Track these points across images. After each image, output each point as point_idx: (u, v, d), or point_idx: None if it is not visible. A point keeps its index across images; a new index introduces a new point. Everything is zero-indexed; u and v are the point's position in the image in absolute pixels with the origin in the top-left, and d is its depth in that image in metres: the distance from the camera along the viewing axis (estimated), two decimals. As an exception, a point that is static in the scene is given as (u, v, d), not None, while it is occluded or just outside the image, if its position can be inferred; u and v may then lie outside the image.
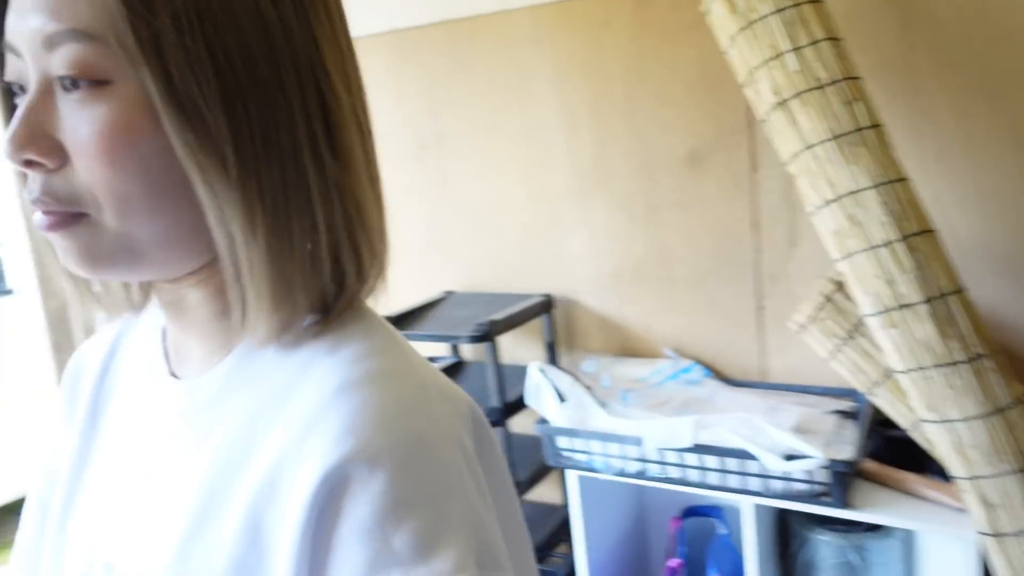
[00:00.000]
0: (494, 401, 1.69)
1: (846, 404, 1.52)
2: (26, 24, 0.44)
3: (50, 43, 0.44)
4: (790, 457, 1.32)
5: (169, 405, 0.55)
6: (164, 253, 0.47)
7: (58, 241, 0.48)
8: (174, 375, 0.56)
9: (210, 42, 0.43)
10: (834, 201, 1.19)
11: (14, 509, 2.99)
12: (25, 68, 0.46)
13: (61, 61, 0.44)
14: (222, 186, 0.44)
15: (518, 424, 1.81)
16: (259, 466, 0.47)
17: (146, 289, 0.58)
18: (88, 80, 0.44)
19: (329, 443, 0.44)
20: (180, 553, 0.49)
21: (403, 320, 1.87)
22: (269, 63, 0.45)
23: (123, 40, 0.43)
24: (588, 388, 1.63)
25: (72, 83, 0.44)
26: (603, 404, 1.59)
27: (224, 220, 0.45)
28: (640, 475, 1.51)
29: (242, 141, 0.44)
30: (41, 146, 0.45)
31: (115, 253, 0.47)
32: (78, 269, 0.48)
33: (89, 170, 0.45)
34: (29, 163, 0.46)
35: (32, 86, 0.46)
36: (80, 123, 0.44)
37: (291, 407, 0.47)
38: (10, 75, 0.47)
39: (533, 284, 1.98)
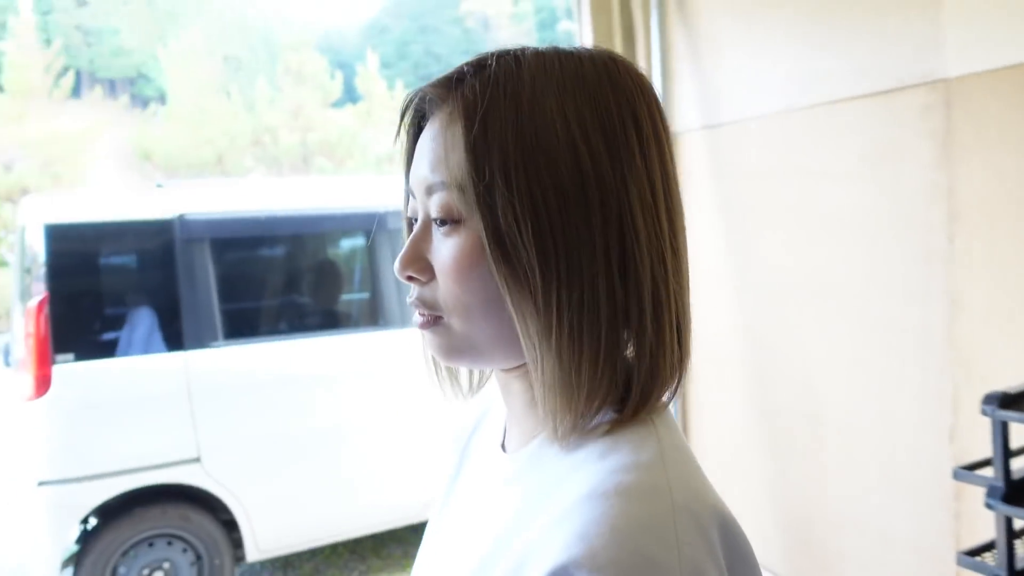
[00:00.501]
0: None
1: None
2: (418, 175, 0.61)
3: (430, 191, 0.60)
4: None
5: (495, 472, 0.67)
6: (496, 350, 0.60)
7: (425, 336, 0.63)
8: (503, 447, 0.69)
9: (532, 192, 0.54)
10: None
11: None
12: (416, 207, 0.63)
13: (434, 204, 0.59)
14: (528, 309, 0.55)
15: None
16: (517, 549, 0.55)
17: (483, 378, 0.72)
18: (448, 219, 0.59)
19: (563, 543, 0.50)
20: None
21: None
22: (579, 207, 0.55)
23: (466, 190, 0.56)
24: None
25: (440, 221, 0.59)
26: None
27: (528, 334, 0.56)
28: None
29: (548, 273, 0.55)
30: (417, 266, 0.62)
31: (462, 347, 0.61)
32: (439, 357, 0.64)
33: (445, 285, 0.60)
34: (410, 278, 0.62)
35: (419, 221, 0.62)
36: (442, 251, 0.59)
37: (552, 502, 0.55)
38: (410, 211, 0.65)
39: None
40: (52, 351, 2.98)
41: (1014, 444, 1.42)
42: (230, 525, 3.28)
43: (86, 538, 3.14)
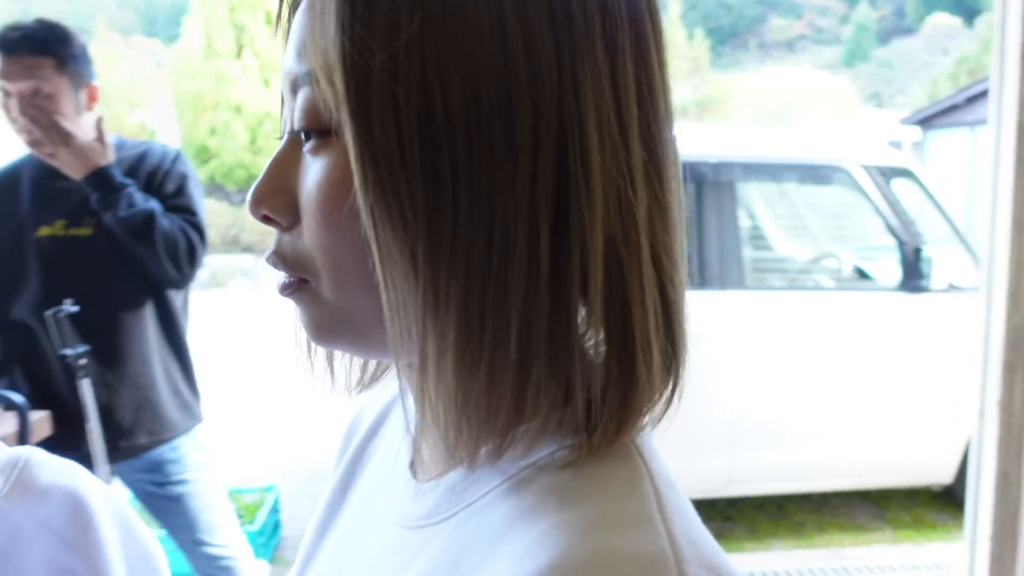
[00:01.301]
0: None
1: None
2: (284, 66, 0.42)
3: (294, 87, 0.41)
4: None
5: (400, 507, 0.47)
6: (384, 332, 0.39)
7: (294, 306, 0.44)
8: (412, 471, 0.48)
9: (428, 85, 0.36)
10: None
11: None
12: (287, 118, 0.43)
13: (298, 106, 0.40)
14: (401, 267, 0.37)
15: None
16: None
17: (380, 367, 0.51)
18: (314, 129, 0.40)
19: None
20: None
21: None
22: (499, 114, 0.36)
23: (335, 82, 0.37)
24: None
25: (305, 133, 0.41)
26: None
27: (400, 307, 0.37)
28: None
29: (438, 213, 0.36)
30: (276, 201, 0.42)
31: (335, 325, 0.42)
32: (310, 338, 0.44)
33: (309, 231, 0.41)
34: (266, 219, 0.43)
35: (285, 137, 0.43)
36: (307, 178, 0.41)
37: (495, 564, 0.37)
38: (282, 125, 0.44)
39: None
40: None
41: None
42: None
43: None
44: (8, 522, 0.53)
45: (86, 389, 1.65)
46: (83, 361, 1.64)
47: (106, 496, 0.59)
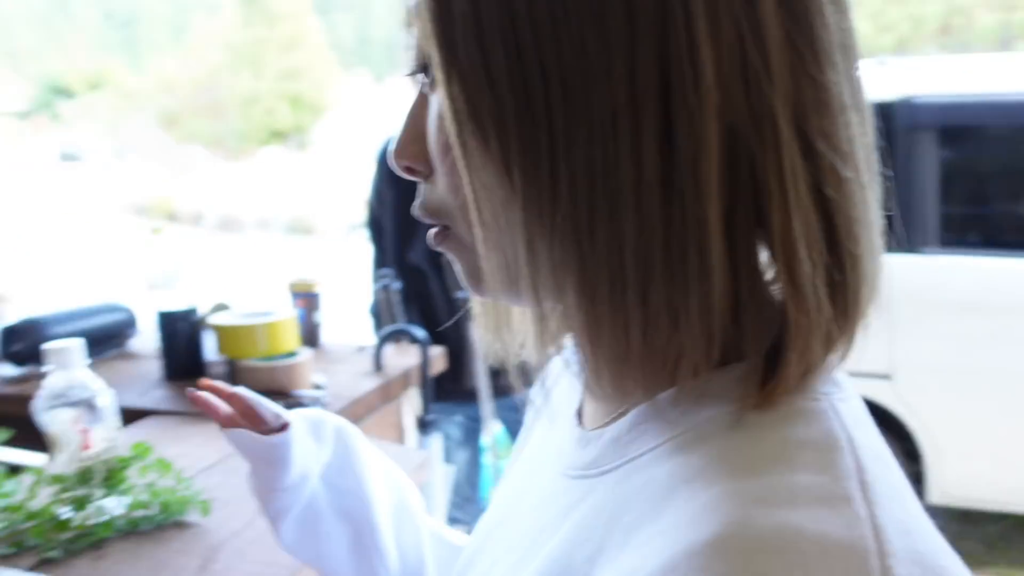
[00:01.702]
0: None
1: None
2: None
3: (410, 27, 0.38)
4: None
5: (564, 452, 0.44)
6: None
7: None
8: (579, 418, 0.45)
9: (514, 8, 0.33)
10: None
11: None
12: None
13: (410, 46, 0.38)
14: (501, 204, 0.35)
15: None
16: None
17: None
18: (422, 69, 0.38)
19: None
20: None
21: None
22: (591, 16, 0.32)
23: (423, 9, 0.35)
24: None
25: (418, 73, 0.39)
26: None
27: (512, 255, 0.36)
28: None
29: (532, 132, 0.33)
30: (412, 152, 0.40)
31: (481, 273, 0.39)
32: (468, 290, 0.42)
33: (438, 174, 0.39)
34: (408, 170, 0.41)
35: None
36: (431, 121, 0.39)
37: (656, 527, 0.33)
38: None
39: None
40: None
41: None
42: (911, 456, 2.93)
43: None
44: None
45: (472, 330, 1.78)
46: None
47: None
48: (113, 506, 0.89)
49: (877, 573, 0.28)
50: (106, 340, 1.68)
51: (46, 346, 0.95)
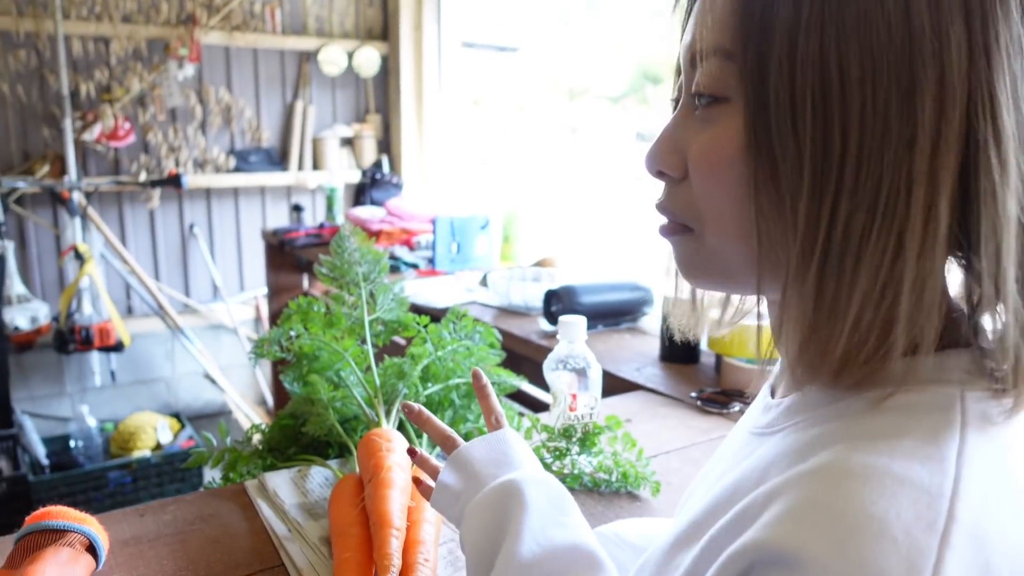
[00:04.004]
0: None
1: None
2: (685, 42, 0.49)
3: (694, 60, 0.47)
4: None
5: (756, 411, 0.55)
6: (753, 274, 0.46)
7: (671, 248, 0.52)
8: (772, 390, 0.56)
9: (825, 58, 0.40)
10: None
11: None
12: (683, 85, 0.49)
13: (697, 77, 0.46)
14: (780, 227, 0.43)
15: None
16: (735, 509, 0.43)
17: (738, 312, 0.58)
18: (710, 96, 0.46)
19: (762, 521, 0.38)
20: (666, 554, 0.51)
21: None
22: (898, 85, 0.38)
23: (735, 55, 0.43)
24: None
25: (700, 99, 0.46)
26: None
27: (774, 263, 0.44)
28: None
29: (821, 178, 0.41)
30: (670, 160, 0.49)
31: (709, 267, 0.50)
32: (683, 276, 0.52)
33: (697, 183, 0.47)
34: (660, 174, 0.50)
35: (680, 103, 0.49)
36: (698, 139, 0.47)
37: (778, 470, 0.42)
38: (675, 92, 0.51)
39: None
40: None
41: None
42: None
43: None
44: None
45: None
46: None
47: None
48: (583, 464, 1.04)
49: (943, 502, 0.36)
50: (623, 314, 1.91)
51: (562, 318, 1.14)
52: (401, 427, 1.05)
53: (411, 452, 0.77)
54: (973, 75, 0.38)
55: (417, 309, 2.07)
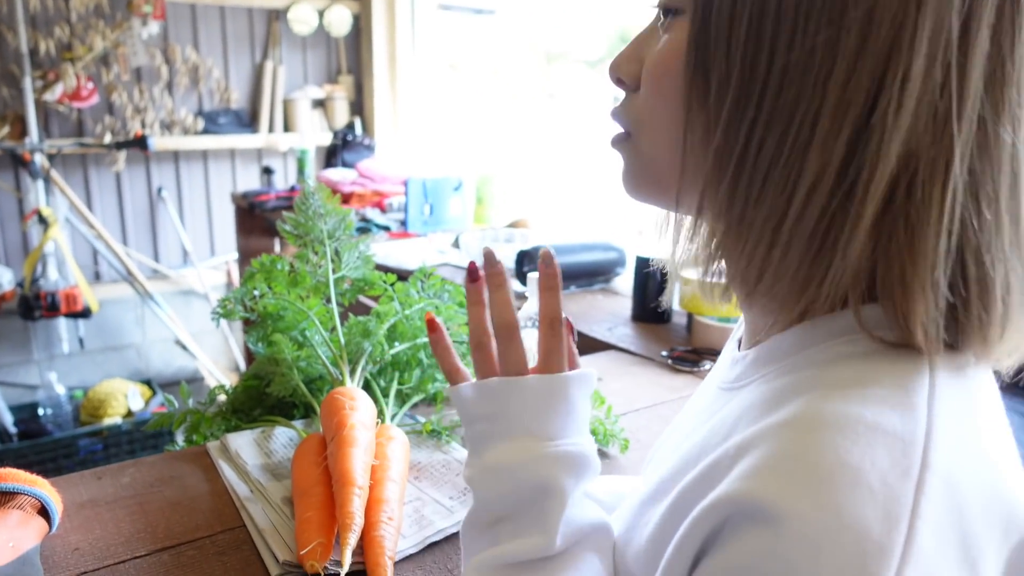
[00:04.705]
0: None
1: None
2: None
3: None
4: None
5: (723, 365, 0.56)
6: (679, 187, 0.47)
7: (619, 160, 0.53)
8: (739, 343, 0.56)
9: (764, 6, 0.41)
10: None
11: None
12: None
13: None
14: (700, 136, 0.45)
15: None
16: (704, 464, 0.42)
17: None
18: (667, 8, 0.47)
19: (735, 474, 0.38)
20: (636, 511, 0.52)
21: None
22: (828, 18, 0.39)
23: None
24: None
25: (662, 10, 0.48)
26: None
27: (694, 176, 0.46)
28: None
29: (744, 98, 0.42)
30: (628, 69, 0.50)
31: (643, 175, 0.51)
32: (624, 188, 0.53)
33: (643, 93, 0.49)
34: (618, 81, 0.51)
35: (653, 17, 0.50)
36: (653, 48, 0.48)
37: (759, 423, 0.40)
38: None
39: None
40: None
41: None
42: None
43: None
44: None
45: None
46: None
47: None
48: (552, 422, 1.03)
49: (916, 448, 0.36)
50: (596, 274, 1.90)
51: (530, 275, 1.12)
52: (366, 387, 1.04)
53: (431, 324, 0.61)
54: (898, 23, 0.38)
55: (388, 271, 2.04)
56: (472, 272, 0.57)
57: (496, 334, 0.56)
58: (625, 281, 1.89)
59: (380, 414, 0.97)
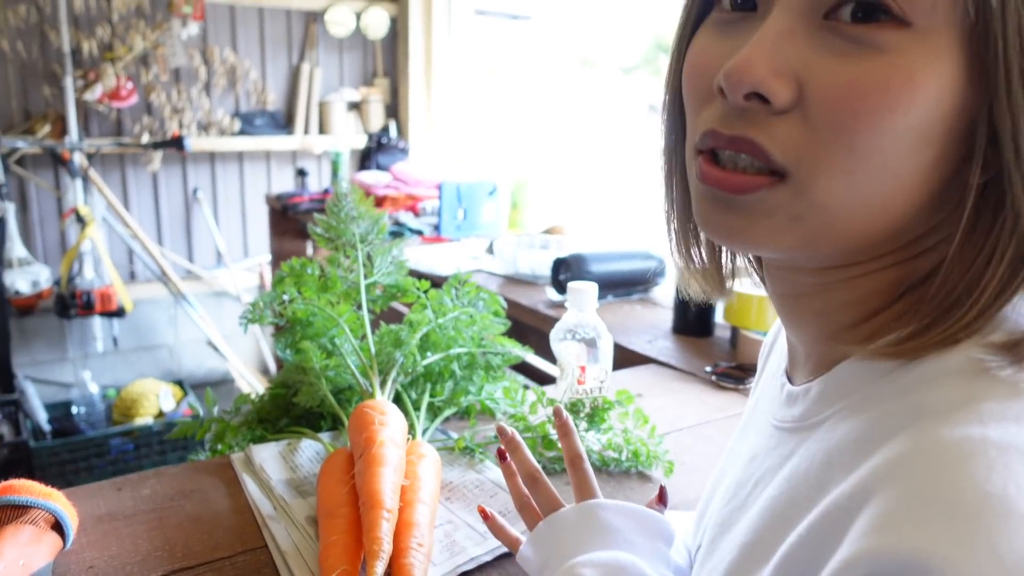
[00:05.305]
0: None
1: None
2: None
3: None
4: None
5: (775, 401, 0.51)
6: (848, 241, 0.42)
7: (735, 204, 0.43)
8: (788, 374, 0.51)
9: None
10: None
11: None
12: None
13: None
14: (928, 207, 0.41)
15: None
16: (809, 521, 0.37)
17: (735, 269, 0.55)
18: (877, 10, 0.36)
19: (874, 523, 0.32)
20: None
21: None
22: None
23: None
24: None
25: (854, 12, 0.37)
26: None
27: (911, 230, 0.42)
28: None
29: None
30: (777, 84, 0.38)
31: (798, 227, 0.42)
32: (743, 239, 0.44)
33: (827, 124, 0.39)
34: (752, 97, 0.39)
35: (789, 10, 0.39)
36: (844, 67, 0.38)
37: (865, 464, 0.36)
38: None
39: None
40: None
41: None
42: None
43: None
44: None
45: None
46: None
47: None
48: (592, 441, 0.98)
49: None
50: (634, 283, 1.84)
51: (571, 284, 1.07)
52: (397, 399, 0.99)
53: (483, 514, 0.69)
54: None
55: (420, 276, 2.00)
56: (501, 454, 0.68)
57: (525, 484, 0.66)
58: (665, 291, 1.83)
59: (411, 429, 0.92)
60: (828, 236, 0.40)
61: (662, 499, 0.66)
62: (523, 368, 1.75)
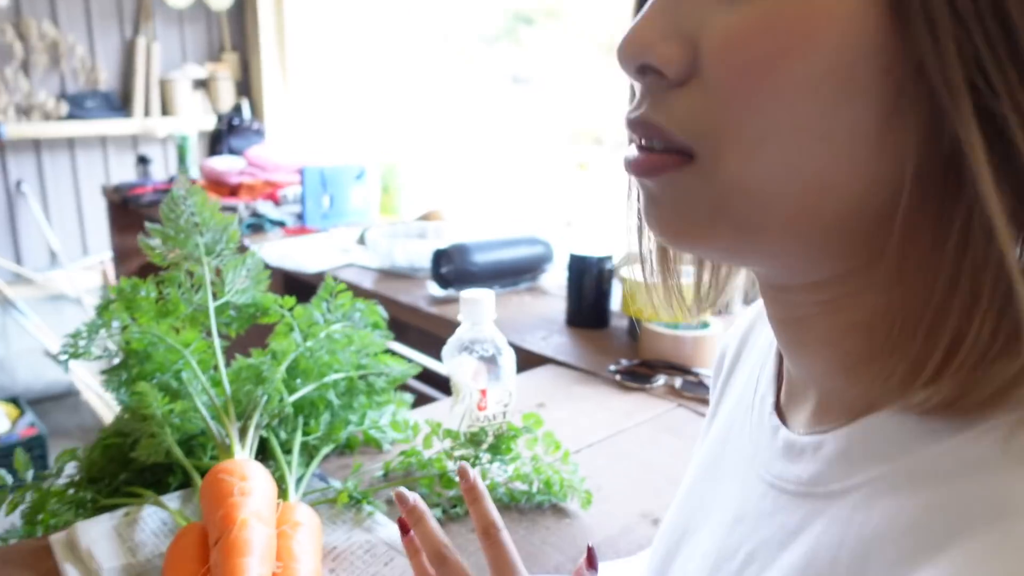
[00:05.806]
0: None
1: None
2: None
3: None
4: None
5: (762, 447, 0.42)
6: (796, 228, 0.33)
7: (649, 191, 0.38)
8: (780, 410, 0.42)
9: None
10: None
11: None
12: None
13: None
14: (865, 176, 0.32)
15: None
16: None
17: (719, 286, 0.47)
18: None
19: None
20: None
21: None
22: None
23: None
24: None
25: None
26: None
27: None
28: None
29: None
30: (669, 51, 0.34)
31: (723, 212, 0.35)
32: (672, 233, 0.38)
33: (723, 87, 0.32)
34: (645, 70, 0.34)
35: None
36: (728, 19, 0.32)
37: (943, 559, 0.27)
38: None
39: None
40: None
41: None
42: None
43: None
44: None
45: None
46: None
47: None
48: (496, 473, 0.85)
49: None
50: (522, 272, 1.72)
51: (463, 295, 0.93)
52: (262, 444, 0.82)
53: (402, 525, 0.57)
54: None
55: (285, 276, 1.81)
56: (402, 525, 0.56)
57: (431, 563, 0.54)
58: (555, 279, 1.72)
59: (281, 483, 0.76)
60: (768, 227, 0.33)
61: (591, 563, 0.55)
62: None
